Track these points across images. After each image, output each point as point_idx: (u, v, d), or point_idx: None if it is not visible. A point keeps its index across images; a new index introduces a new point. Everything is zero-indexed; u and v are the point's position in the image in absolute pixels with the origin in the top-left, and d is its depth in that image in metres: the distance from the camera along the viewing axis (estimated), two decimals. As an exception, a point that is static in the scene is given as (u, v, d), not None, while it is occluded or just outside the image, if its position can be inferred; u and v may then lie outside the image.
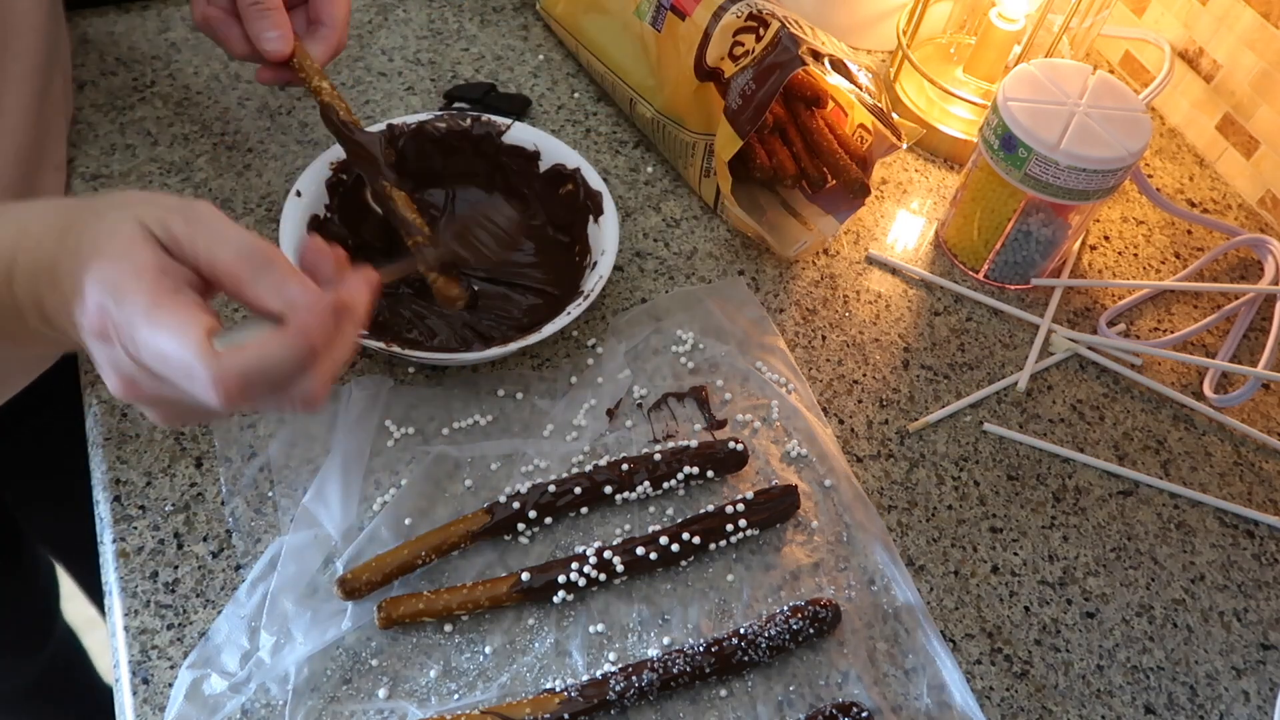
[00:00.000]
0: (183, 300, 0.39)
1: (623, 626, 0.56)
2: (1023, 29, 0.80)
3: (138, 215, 0.40)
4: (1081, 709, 0.57)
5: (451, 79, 0.81)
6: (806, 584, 0.59)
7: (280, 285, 0.40)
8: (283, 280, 0.40)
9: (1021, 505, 0.64)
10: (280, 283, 0.40)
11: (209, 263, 0.40)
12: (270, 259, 0.40)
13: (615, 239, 0.66)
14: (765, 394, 0.66)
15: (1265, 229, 0.83)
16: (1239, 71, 0.83)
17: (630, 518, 0.60)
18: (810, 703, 0.54)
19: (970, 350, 0.72)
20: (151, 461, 0.58)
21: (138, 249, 0.39)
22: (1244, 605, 0.62)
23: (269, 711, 0.51)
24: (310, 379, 0.41)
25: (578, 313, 0.62)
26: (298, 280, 0.40)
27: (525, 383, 0.64)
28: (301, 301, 0.40)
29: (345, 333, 0.42)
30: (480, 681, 0.53)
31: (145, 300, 0.38)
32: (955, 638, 0.58)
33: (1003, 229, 0.73)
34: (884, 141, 0.72)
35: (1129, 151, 0.67)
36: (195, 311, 0.38)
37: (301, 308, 0.40)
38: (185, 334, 0.37)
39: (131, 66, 0.77)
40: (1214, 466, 0.68)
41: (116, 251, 0.39)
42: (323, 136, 0.75)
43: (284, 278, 0.40)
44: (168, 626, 0.53)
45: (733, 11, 0.70)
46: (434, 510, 0.59)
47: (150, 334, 0.38)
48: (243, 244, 0.40)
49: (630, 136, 0.80)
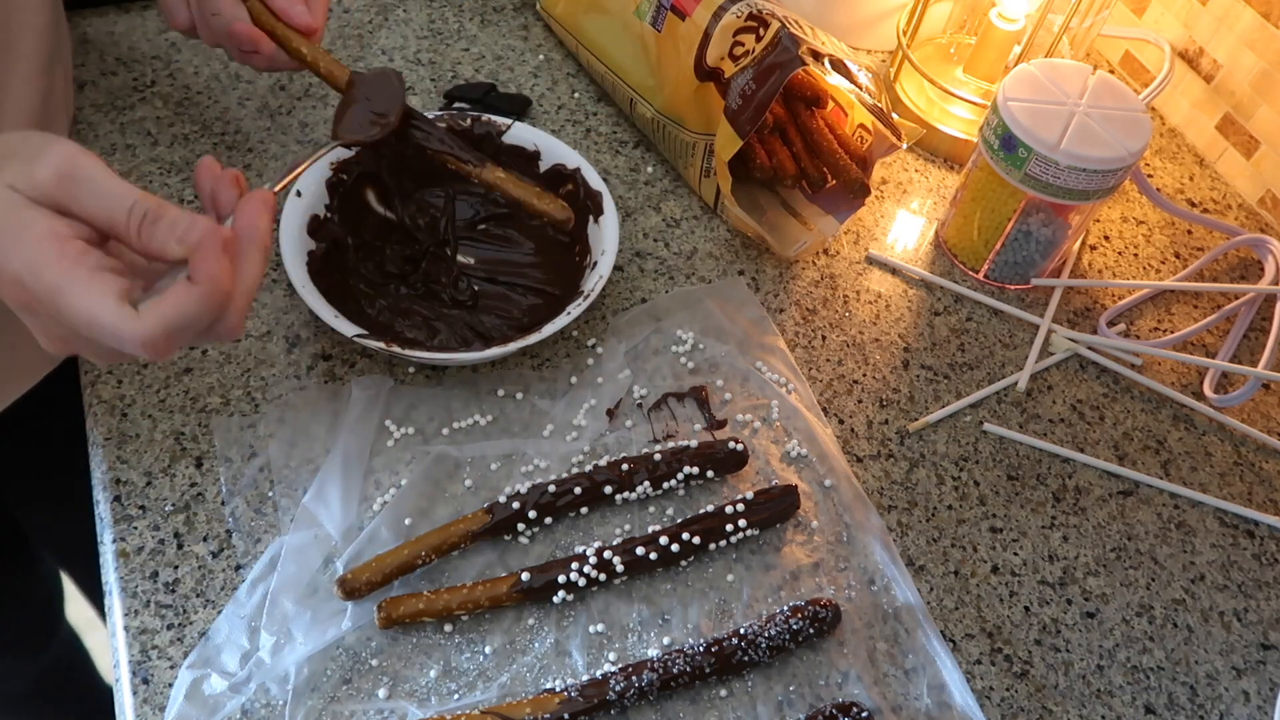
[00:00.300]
0: (90, 268, 0.40)
1: (623, 626, 0.56)
2: (1023, 29, 0.80)
3: (9, 182, 0.40)
4: (1081, 709, 0.57)
5: (451, 79, 0.81)
6: (806, 584, 0.59)
7: (177, 233, 0.41)
8: (177, 227, 0.41)
9: (1021, 505, 0.64)
10: (175, 230, 0.41)
11: (97, 220, 0.40)
12: (160, 209, 0.41)
13: (615, 239, 0.66)
14: (765, 394, 0.66)
15: (1265, 229, 0.83)
16: (1239, 71, 0.83)
17: (630, 518, 0.60)
18: (810, 703, 0.54)
19: (970, 350, 0.72)
20: (151, 461, 0.59)
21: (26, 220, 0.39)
22: (1244, 605, 0.62)
23: (269, 711, 0.51)
24: (228, 315, 0.42)
25: (578, 313, 0.63)
26: (192, 225, 0.41)
27: (525, 383, 0.64)
28: (202, 247, 0.41)
29: (253, 260, 0.43)
30: (480, 681, 0.53)
31: (56, 276, 0.39)
32: (955, 638, 0.58)
33: (1003, 229, 0.73)
34: (884, 141, 0.72)
35: (1129, 151, 0.67)
36: (105, 279, 0.40)
37: (203, 254, 0.40)
38: (103, 303, 0.39)
39: (131, 66, 0.77)
40: (1214, 466, 0.68)
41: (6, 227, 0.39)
42: (322, 137, 0.75)
43: (177, 224, 0.41)
44: (168, 626, 0.53)
45: (733, 11, 0.70)
46: (434, 510, 0.59)
47: (70, 308, 0.39)
48: (126, 198, 0.40)
49: (630, 136, 0.80)
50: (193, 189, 0.71)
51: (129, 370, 0.61)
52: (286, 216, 0.64)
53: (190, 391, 0.61)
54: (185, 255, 0.41)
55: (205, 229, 0.41)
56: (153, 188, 0.70)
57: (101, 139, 0.73)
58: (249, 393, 0.62)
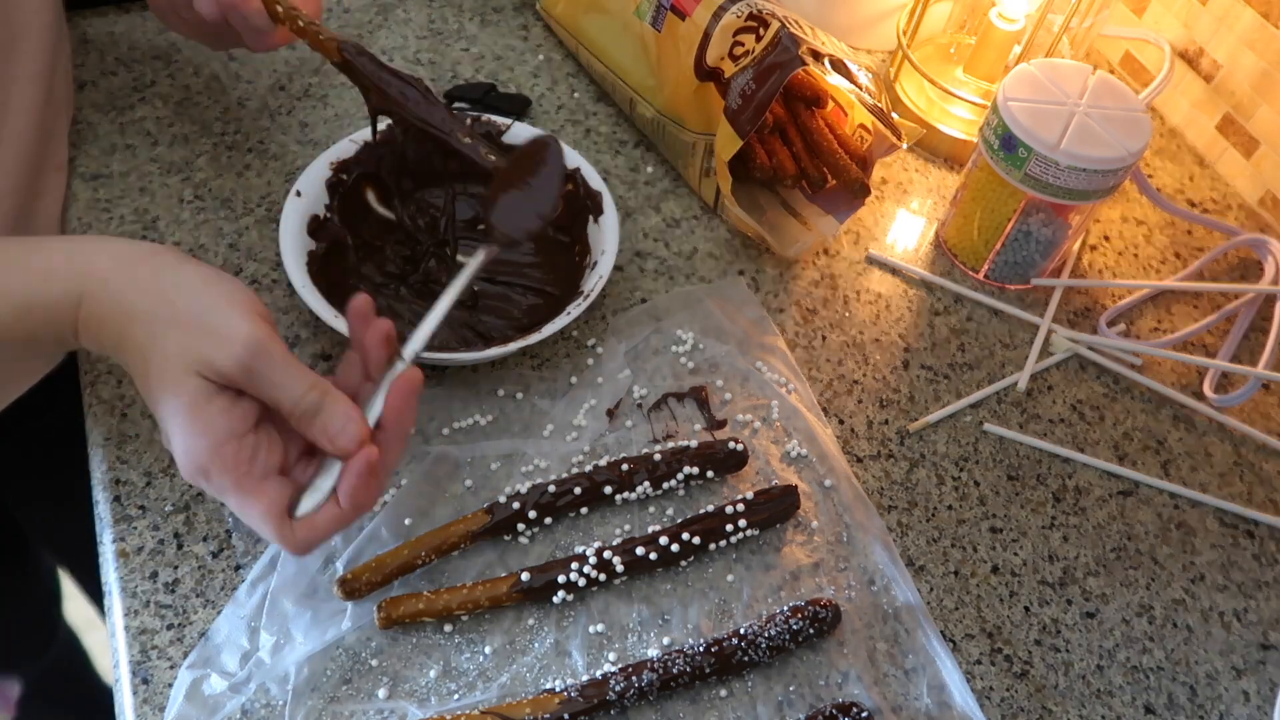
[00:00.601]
0: (257, 477, 0.46)
1: (623, 626, 0.56)
2: (1023, 29, 0.80)
3: (197, 369, 0.44)
4: (1081, 709, 0.57)
5: (452, 79, 0.81)
6: (806, 584, 0.59)
7: (330, 433, 0.46)
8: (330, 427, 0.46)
9: (1021, 505, 0.64)
10: (329, 430, 0.46)
11: (268, 401, 0.46)
12: (320, 401, 0.46)
13: (615, 239, 0.66)
14: (765, 394, 0.66)
15: (1265, 229, 0.83)
16: (1239, 71, 0.83)
17: (630, 518, 0.60)
18: (810, 703, 0.54)
19: (970, 350, 0.72)
20: (151, 461, 0.58)
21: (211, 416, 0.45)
22: (1244, 605, 0.62)
23: (269, 711, 0.51)
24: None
25: (578, 312, 0.62)
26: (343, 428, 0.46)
27: (525, 383, 0.64)
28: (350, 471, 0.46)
29: (394, 450, 0.48)
30: (480, 681, 0.53)
31: (229, 482, 0.45)
32: (955, 638, 0.58)
33: (1003, 229, 0.73)
34: (884, 141, 0.72)
35: (1129, 151, 0.67)
36: (269, 491, 0.46)
37: (351, 477, 0.46)
38: (267, 517, 0.45)
39: (131, 66, 0.77)
40: (1214, 466, 0.68)
41: (185, 411, 0.44)
42: (323, 137, 0.75)
43: (330, 423, 0.46)
44: (168, 626, 0.53)
45: (733, 11, 0.70)
46: (434, 510, 0.59)
47: (238, 509, 0.46)
48: (296, 390, 0.45)
49: (630, 136, 0.80)
50: (193, 189, 0.71)
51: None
52: (286, 216, 0.64)
53: (190, 391, 0.61)
54: (335, 455, 0.47)
55: (355, 440, 0.46)
56: (153, 188, 0.70)
57: (101, 139, 0.73)
58: (249, 393, 0.62)
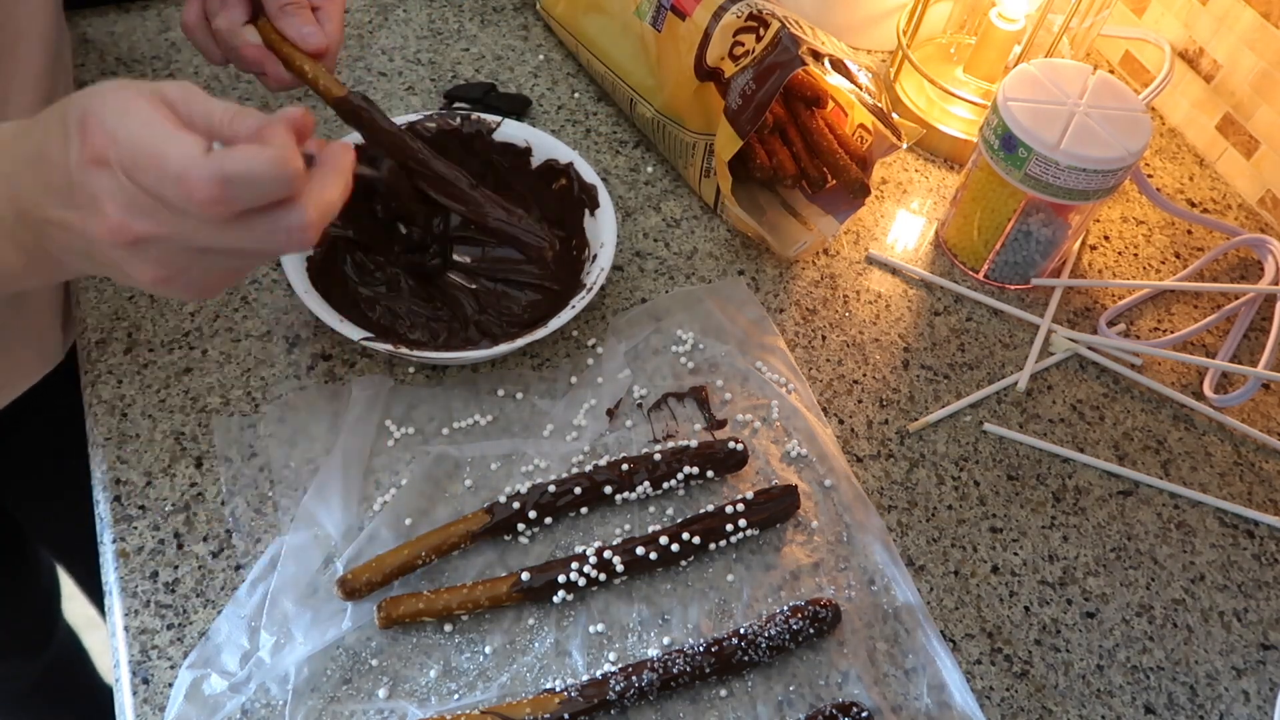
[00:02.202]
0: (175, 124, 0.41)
1: (623, 626, 0.56)
2: (1023, 29, 0.80)
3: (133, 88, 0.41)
4: (1081, 709, 0.57)
5: (451, 79, 0.81)
6: (806, 584, 0.59)
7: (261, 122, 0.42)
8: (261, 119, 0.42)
9: (1021, 505, 0.64)
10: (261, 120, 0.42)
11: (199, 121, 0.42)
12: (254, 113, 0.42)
13: (613, 230, 0.66)
14: (765, 394, 0.66)
15: (1265, 229, 0.83)
16: (1239, 71, 0.83)
17: (630, 518, 0.60)
18: (810, 703, 0.54)
19: (970, 350, 0.72)
20: (151, 461, 0.59)
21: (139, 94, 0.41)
22: (1244, 605, 0.62)
23: (269, 711, 0.51)
24: (297, 209, 0.42)
25: (582, 305, 0.62)
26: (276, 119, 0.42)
27: (525, 383, 0.64)
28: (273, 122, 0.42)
29: (330, 179, 0.43)
30: (480, 681, 0.53)
31: (151, 114, 0.40)
32: (955, 638, 0.58)
33: (1003, 229, 0.73)
34: (884, 141, 0.72)
35: (1129, 151, 0.67)
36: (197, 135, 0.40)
37: (274, 125, 0.42)
38: (188, 142, 0.40)
39: (131, 66, 0.77)
40: (1214, 466, 0.68)
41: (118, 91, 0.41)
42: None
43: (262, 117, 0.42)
44: (168, 626, 0.53)
45: (733, 11, 0.70)
46: (434, 510, 0.59)
47: (152, 139, 0.40)
48: (230, 108, 0.42)
49: (630, 136, 0.80)
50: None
51: (129, 370, 0.62)
52: None
53: (190, 391, 0.61)
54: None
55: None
56: (153, 188, 0.70)
57: (101, 139, 0.72)
58: (249, 393, 0.62)
